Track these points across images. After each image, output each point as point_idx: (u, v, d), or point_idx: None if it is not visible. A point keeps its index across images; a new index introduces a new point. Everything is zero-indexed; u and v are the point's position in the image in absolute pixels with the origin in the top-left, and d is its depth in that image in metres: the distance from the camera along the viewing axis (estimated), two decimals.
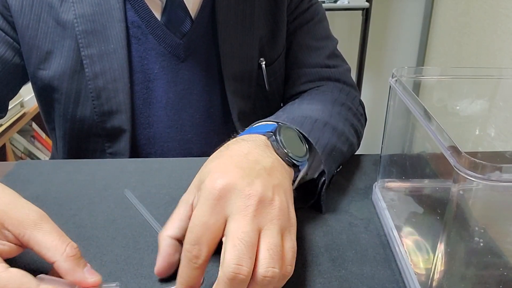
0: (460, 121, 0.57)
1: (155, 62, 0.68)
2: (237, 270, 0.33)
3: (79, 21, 0.63)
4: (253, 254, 0.34)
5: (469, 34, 1.69)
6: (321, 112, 0.58)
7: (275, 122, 0.51)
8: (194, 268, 0.35)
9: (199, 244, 0.35)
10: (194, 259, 0.35)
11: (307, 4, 0.75)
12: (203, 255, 0.35)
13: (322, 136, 0.52)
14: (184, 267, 0.36)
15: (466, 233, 0.36)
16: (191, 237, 0.35)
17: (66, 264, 0.35)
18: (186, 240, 0.36)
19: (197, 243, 0.35)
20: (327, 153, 0.51)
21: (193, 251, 0.35)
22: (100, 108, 0.66)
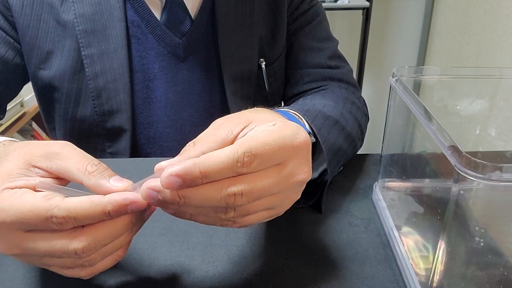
0: (461, 120, 0.57)
1: (155, 62, 0.67)
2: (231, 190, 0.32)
3: (80, 21, 0.63)
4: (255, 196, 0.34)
5: (470, 34, 1.69)
6: (333, 109, 0.58)
7: (299, 116, 0.52)
8: (232, 168, 0.32)
9: (255, 158, 0.32)
10: (241, 164, 0.32)
11: (308, 5, 0.75)
12: (252, 168, 0.32)
13: (330, 135, 0.52)
14: (225, 160, 0.32)
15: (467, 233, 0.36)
16: (256, 147, 0.33)
17: (90, 181, 0.34)
18: (248, 145, 0.32)
19: (255, 155, 0.32)
20: (332, 153, 0.51)
21: (246, 158, 0.32)
22: (101, 108, 0.66)
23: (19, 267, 0.44)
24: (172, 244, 0.48)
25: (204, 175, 0.31)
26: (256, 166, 0.33)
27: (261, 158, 0.33)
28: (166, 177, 0.31)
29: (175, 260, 0.45)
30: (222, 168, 0.32)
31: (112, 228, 0.34)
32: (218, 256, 0.46)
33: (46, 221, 0.32)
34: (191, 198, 0.32)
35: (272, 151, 0.33)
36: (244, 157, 0.32)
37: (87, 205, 0.32)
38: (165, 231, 0.49)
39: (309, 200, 0.53)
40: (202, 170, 0.31)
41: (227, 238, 0.48)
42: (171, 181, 0.31)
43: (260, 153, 0.33)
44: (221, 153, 0.32)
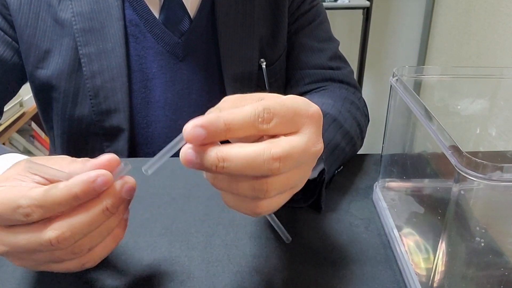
0: (461, 120, 0.57)
1: (154, 61, 0.67)
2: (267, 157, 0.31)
3: (77, 19, 0.63)
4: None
5: (470, 33, 1.69)
6: (331, 107, 0.58)
7: None
8: (252, 124, 0.32)
9: (274, 116, 0.32)
10: (261, 120, 0.32)
11: (309, 6, 0.75)
12: (270, 126, 0.32)
13: (327, 132, 0.52)
14: (245, 114, 0.31)
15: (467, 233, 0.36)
16: (275, 107, 0.32)
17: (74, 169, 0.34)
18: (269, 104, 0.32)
19: (274, 114, 0.32)
20: (329, 151, 0.51)
21: (266, 115, 0.32)
22: (98, 107, 0.66)
23: (19, 268, 0.44)
24: (172, 244, 0.47)
25: (228, 127, 0.31)
26: (275, 125, 0.32)
27: (279, 117, 0.32)
28: (190, 128, 0.31)
29: (175, 260, 0.45)
30: (245, 122, 0.31)
31: (85, 213, 0.32)
32: (218, 256, 0.46)
33: (14, 212, 0.31)
34: (232, 160, 0.31)
35: (288, 112, 0.33)
36: (264, 113, 0.32)
37: (52, 191, 0.32)
38: (165, 231, 0.49)
39: (309, 199, 0.53)
40: (226, 122, 0.31)
41: (227, 238, 0.48)
42: (195, 132, 0.31)
43: (278, 112, 0.32)
44: (243, 108, 0.32)
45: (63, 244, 0.32)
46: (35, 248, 0.33)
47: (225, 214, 0.52)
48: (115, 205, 0.34)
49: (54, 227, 0.32)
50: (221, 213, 0.52)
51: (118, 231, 0.36)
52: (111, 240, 0.36)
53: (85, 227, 0.33)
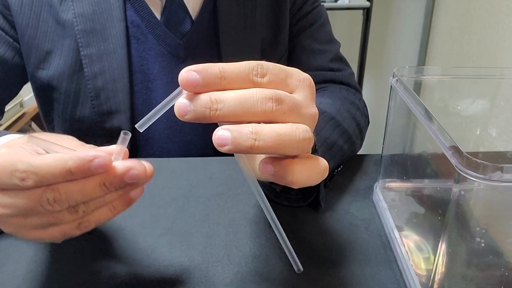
0: (461, 121, 0.57)
1: (155, 62, 0.67)
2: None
3: (79, 20, 0.63)
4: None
5: (470, 34, 1.69)
6: (329, 106, 0.58)
7: None
8: (247, 75, 0.32)
9: (267, 72, 0.33)
10: (255, 73, 0.33)
11: (310, 7, 0.75)
12: (265, 80, 0.33)
13: (324, 130, 0.52)
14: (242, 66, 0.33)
15: (467, 234, 0.36)
16: (264, 64, 0.33)
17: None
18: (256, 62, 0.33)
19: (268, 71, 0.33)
20: (325, 148, 0.51)
21: (259, 70, 0.33)
22: (99, 108, 0.66)
23: (19, 267, 0.44)
24: (172, 245, 0.47)
25: (222, 75, 0.31)
26: (269, 81, 0.33)
27: (272, 74, 0.33)
28: (185, 72, 0.31)
29: (175, 260, 0.45)
30: (240, 72, 0.32)
31: (81, 182, 0.32)
32: (218, 256, 0.46)
33: (11, 176, 0.32)
34: (225, 102, 0.31)
35: (281, 72, 0.33)
36: (258, 67, 0.32)
37: (49, 161, 0.31)
38: (165, 231, 0.49)
39: (308, 198, 0.53)
40: (221, 70, 0.31)
41: (227, 238, 0.48)
42: (189, 76, 0.31)
43: (272, 70, 0.33)
44: (238, 62, 0.33)
45: (58, 205, 0.32)
46: (32, 207, 0.32)
47: (225, 214, 0.52)
48: (113, 184, 0.33)
49: (52, 188, 0.32)
50: (221, 213, 0.52)
51: (117, 203, 0.35)
52: (106, 210, 0.35)
53: (80, 194, 0.32)
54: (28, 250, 0.47)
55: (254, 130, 0.30)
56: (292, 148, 0.31)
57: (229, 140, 0.30)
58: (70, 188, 0.32)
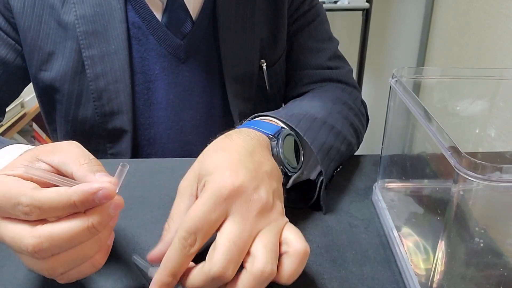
0: (461, 121, 0.57)
1: (156, 63, 0.68)
2: (222, 273, 0.34)
3: (80, 22, 0.63)
4: (241, 259, 0.35)
5: (470, 35, 1.69)
6: (320, 110, 0.58)
7: (276, 121, 0.51)
8: (185, 256, 0.35)
9: (195, 234, 0.35)
10: (188, 247, 0.35)
11: (308, 6, 0.75)
12: (197, 245, 0.35)
13: (319, 135, 0.52)
14: (175, 252, 0.35)
15: (466, 234, 0.36)
16: (190, 226, 0.35)
17: (78, 173, 0.35)
18: (184, 227, 0.35)
19: (195, 233, 0.35)
20: (323, 153, 0.52)
21: (189, 240, 0.35)
22: (102, 109, 0.66)
23: (19, 268, 0.44)
24: None
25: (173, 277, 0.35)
26: (203, 235, 0.35)
27: (201, 231, 0.35)
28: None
29: None
30: (180, 263, 0.35)
31: (68, 227, 0.33)
32: None
33: (14, 208, 0.32)
34: None
35: (207, 219, 0.35)
36: (188, 238, 0.35)
37: (53, 195, 0.32)
38: None
39: (309, 201, 0.53)
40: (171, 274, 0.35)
41: None
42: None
43: (200, 228, 0.35)
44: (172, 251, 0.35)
45: (39, 254, 0.33)
46: (15, 249, 0.34)
47: None
48: (101, 223, 0.34)
49: (36, 234, 0.32)
50: None
51: (98, 257, 0.36)
52: (89, 265, 0.36)
53: (65, 241, 0.33)
54: None
55: None
56: None
57: None
58: (56, 234, 0.33)
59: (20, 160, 0.36)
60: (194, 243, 0.35)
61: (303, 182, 0.55)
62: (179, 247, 0.35)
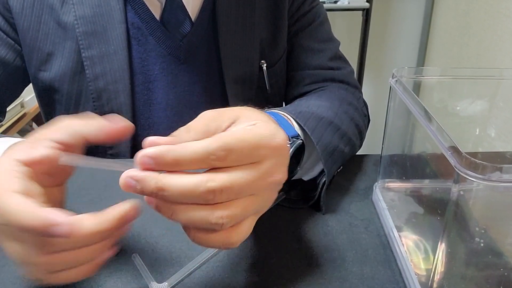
0: (461, 121, 0.57)
1: (155, 64, 0.68)
2: (214, 192, 0.32)
3: (80, 23, 0.63)
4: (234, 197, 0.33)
5: (470, 35, 1.69)
6: (327, 110, 0.58)
7: (292, 121, 0.52)
8: (202, 159, 0.32)
9: (230, 153, 0.32)
10: (213, 157, 0.32)
11: (309, 7, 0.75)
12: (219, 163, 0.32)
13: (325, 135, 0.52)
14: (194, 149, 0.32)
15: (467, 234, 0.36)
16: (231, 142, 0.32)
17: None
18: (224, 139, 0.32)
19: (230, 151, 0.32)
20: (328, 153, 0.52)
21: (219, 152, 0.32)
22: (101, 110, 0.66)
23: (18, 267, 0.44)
24: (172, 245, 0.48)
25: (176, 162, 0.32)
26: (231, 161, 0.33)
27: (236, 153, 0.33)
28: (140, 157, 0.32)
29: (175, 260, 0.45)
30: (195, 159, 0.32)
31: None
32: (218, 257, 0.46)
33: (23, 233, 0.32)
34: (169, 190, 0.32)
35: (247, 147, 0.33)
36: (219, 150, 0.32)
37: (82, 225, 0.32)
38: (165, 232, 0.50)
39: (309, 201, 0.53)
40: (174, 157, 0.32)
41: None
42: (144, 161, 0.32)
43: (236, 148, 0.33)
44: (197, 143, 0.33)
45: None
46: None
47: None
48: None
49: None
50: None
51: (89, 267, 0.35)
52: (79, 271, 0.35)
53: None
54: None
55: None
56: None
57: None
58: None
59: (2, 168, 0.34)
60: (224, 158, 0.32)
61: (303, 182, 0.55)
62: (205, 149, 0.32)
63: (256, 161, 0.34)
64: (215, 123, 0.36)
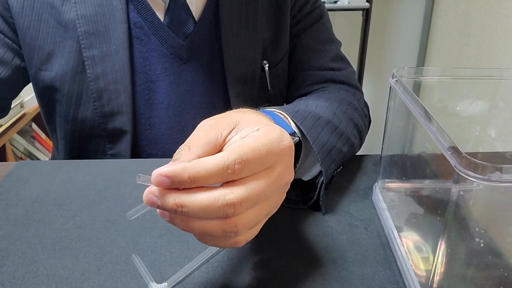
0: (461, 121, 0.57)
1: (158, 63, 0.67)
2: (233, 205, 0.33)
3: (81, 22, 0.63)
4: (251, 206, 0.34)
5: (470, 35, 1.69)
6: (325, 109, 0.58)
7: (288, 119, 0.52)
8: (219, 175, 0.33)
9: (245, 165, 0.33)
10: (231, 170, 0.33)
11: (311, 8, 0.75)
12: (236, 175, 0.33)
13: (321, 134, 0.52)
14: (213, 165, 0.33)
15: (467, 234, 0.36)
16: (246, 153, 0.33)
17: None
18: (239, 151, 0.33)
19: (246, 163, 0.33)
20: (324, 153, 0.52)
21: (237, 165, 0.33)
22: (102, 109, 0.66)
23: (19, 268, 0.44)
24: (172, 245, 0.48)
25: (192, 180, 0.32)
26: (247, 172, 0.34)
27: (251, 163, 0.33)
28: (156, 176, 0.32)
29: (175, 260, 0.45)
30: (211, 174, 0.33)
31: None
32: (218, 257, 0.46)
33: None
34: (189, 207, 0.33)
35: (261, 156, 0.34)
36: (235, 163, 0.33)
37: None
38: (165, 232, 0.50)
39: (308, 201, 0.53)
40: (190, 175, 0.32)
41: None
42: (160, 180, 0.32)
43: (251, 159, 0.33)
44: (212, 159, 0.33)
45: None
46: None
47: None
48: None
49: None
50: None
51: None
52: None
53: None
54: (28, 251, 0.47)
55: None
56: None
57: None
58: None
59: None
60: (240, 171, 0.33)
61: (303, 182, 0.55)
62: (221, 164, 0.32)
63: (268, 166, 0.35)
64: (215, 133, 0.36)
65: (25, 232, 0.50)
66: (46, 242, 0.48)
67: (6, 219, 0.52)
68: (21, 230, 0.50)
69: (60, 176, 0.61)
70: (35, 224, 0.51)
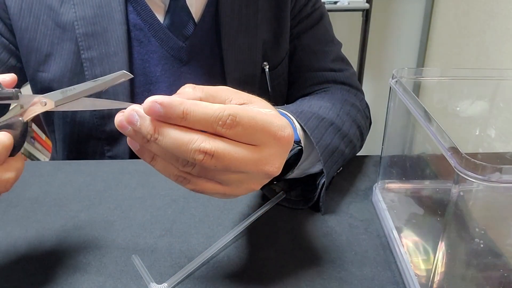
0: (460, 122, 0.57)
1: (157, 65, 0.67)
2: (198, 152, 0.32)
3: (80, 24, 0.63)
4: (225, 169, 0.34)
5: (469, 35, 1.69)
6: (329, 111, 0.58)
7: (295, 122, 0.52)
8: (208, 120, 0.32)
9: (238, 122, 0.33)
10: (221, 122, 0.32)
11: (311, 9, 0.75)
12: (227, 130, 0.33)
13: (325, 136, 0.52)
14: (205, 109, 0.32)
15: (466, 234, 0.36)
16: (241, 113, 0.33)
17: None
18: (234, 108, 0.33)
19: (238, 122, 0.33)
20: (328, 154, 0.51)
21: (229, 118, 0.32)
22: (100, 111, 0.66)
23: (16, 268, 0.44)
24: (172, 246, 0.48)
25: (184, 116, 0.32)
26: (235, 134, 0.33)
27: (242, 127, 0.33)
28: (150, 101, 0.32)
29: (175, 261, 0.45)
30: (203, 119, 0.32)
31: None
32: (218, 257, 0.46)
33: None
34: (165, 137, 0.32)
35: (255, 128, 0.34)
36: (228, 118, 0.32)
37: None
38: (165, 232, 0.50)
39: (309, 202, 0.53)
40: (185, 111, 0.32)
41: None
42: (153, 107, 0.32)
43: (244, 123, 0.33)
44: (209, 105, 0.33)
45: None
46: None
47: (225, 215, 0.52)
48: None
49: None
50: (221, 214, 0.52)
51: None
52: None
53: None
54: (27, 251, 0.47)
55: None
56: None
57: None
58: None
59: None
60: (230, 127, 0.33)
61: (303, 183, 0.55)
62: (216, 113, 0.32)
63: (257, 144, 0.35)
64: (226, 93, 0.37)
65: (25, 232, 0.50)
66: (46, 243, 0.48)
67: (6, 220, 0.52)
68: (21, 230, 0.50)
69: (60, 176, 0.61)
70: (35, 225, 0.51)
